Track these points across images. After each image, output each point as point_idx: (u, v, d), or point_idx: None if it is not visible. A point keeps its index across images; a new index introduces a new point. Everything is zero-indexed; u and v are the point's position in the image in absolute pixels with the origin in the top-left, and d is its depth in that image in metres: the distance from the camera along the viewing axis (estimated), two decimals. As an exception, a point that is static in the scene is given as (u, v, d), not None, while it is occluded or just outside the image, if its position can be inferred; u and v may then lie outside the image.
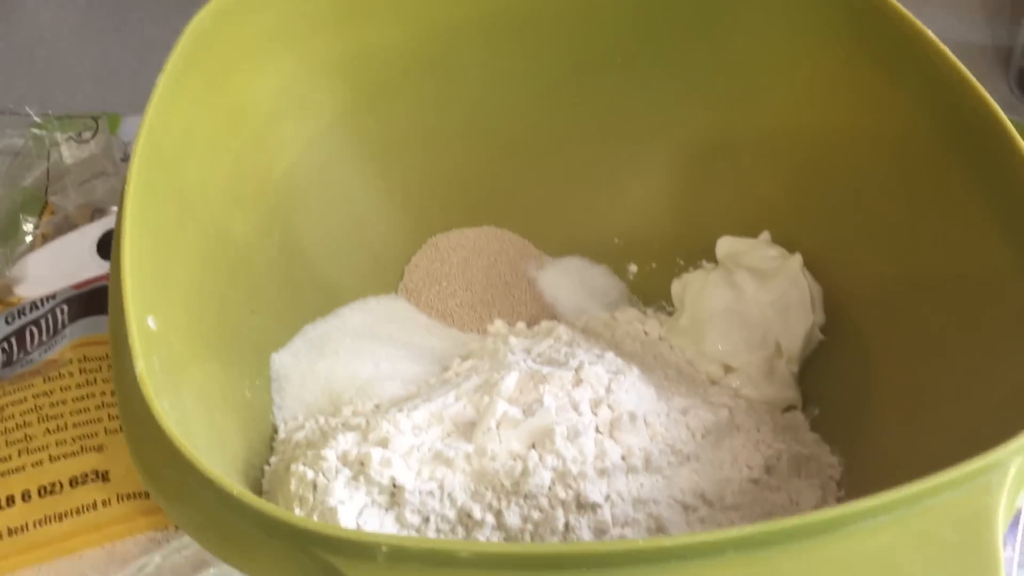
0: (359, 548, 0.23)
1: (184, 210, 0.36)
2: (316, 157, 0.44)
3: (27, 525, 0.30)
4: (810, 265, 0.43)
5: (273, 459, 0.36)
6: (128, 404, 0.28)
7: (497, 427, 0.33)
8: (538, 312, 0.47)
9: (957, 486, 0.25)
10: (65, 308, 0.38)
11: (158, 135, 0.35)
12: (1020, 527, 0.34)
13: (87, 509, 0.31)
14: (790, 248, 0.44)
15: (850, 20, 0.40)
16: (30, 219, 0.44)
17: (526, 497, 0.32)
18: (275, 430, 0.38)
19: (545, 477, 0.32)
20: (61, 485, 0.31)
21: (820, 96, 0.43)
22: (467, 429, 0.34)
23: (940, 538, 0.25)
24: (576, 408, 0.33)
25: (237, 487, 0.25)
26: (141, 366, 0.27)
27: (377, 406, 0.38)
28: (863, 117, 0.41)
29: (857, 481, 0.36)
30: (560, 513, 0.31)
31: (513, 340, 0.40)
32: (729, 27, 0.44)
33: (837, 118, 0.42)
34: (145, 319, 0.30)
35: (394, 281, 0.47)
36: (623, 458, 0.33)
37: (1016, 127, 0.64)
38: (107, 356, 0.36)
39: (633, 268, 0.49)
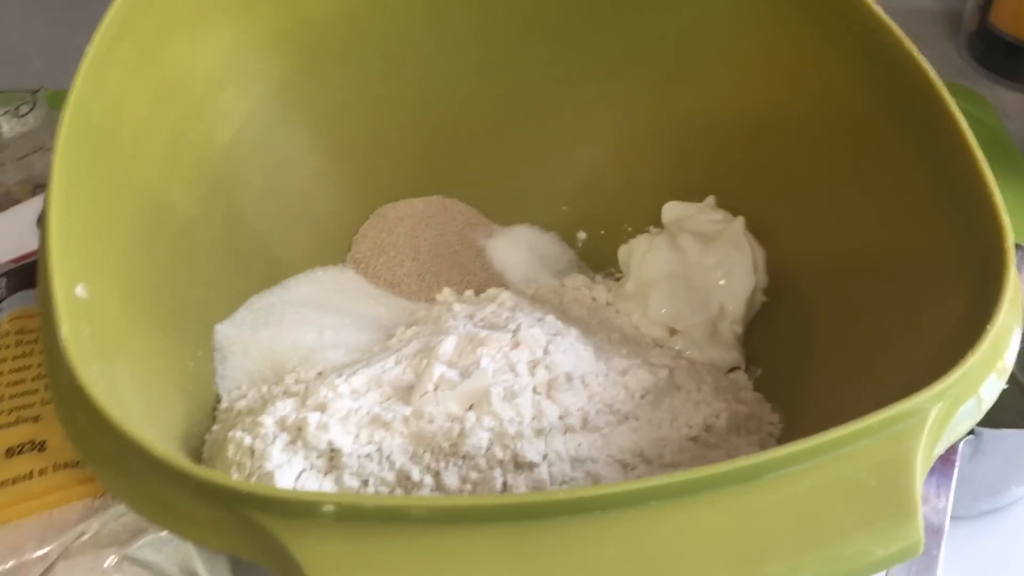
0: (296, 507, 0.24)
1: (119, 182, 0.36)
2: (259, 128, 0.44)
3: (-38, 496, 0.30)
4: (753, 229, 0.44)
5: (215, 428, 0.36)
6: (56, 371, 0.28)
7: (435, 390, 0.33)
8: (487, 280, 0.47)
9: (874, 433, 0.26)
10: (3, 281, 0.38)
11: (87, 104, 0.34)
12: (953, 478, 0.35)
13: (24, 478, 0.31)
14: (735, 212, 0.45)
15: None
16: (-31, 195, 0.43)
17: (464, 458, 0.32)
18: (218, 400, 0.38)
19: (483, 438, 0.32)
20: (-4, 456, 0.31)
21: (763, 63, 0.43)
22: (405, 393, 0.34)
23: (859, 483, 0.25)
24: (513, 369, 0.33)
25: (162, 448, 0.25)
26: (66, 331, 0.27)
27: (320, 374, 0.38)
28: (806, 84, 0.42)
29: (795, 436, 0.37)
30: (498, 473, 0.32)
31: (457, 307, 0.40)
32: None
33: (780, 85, 0.43)
34: (73, 287, 0.29)
35: (342, 252, 0.47)
36: (560, 418, 0.33)
37: (964, 92, 0.65)
38: (44, 328, 0.36)
39: (582, 235, 0.49)
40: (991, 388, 0.28)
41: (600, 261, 0.48)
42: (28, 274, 0.38)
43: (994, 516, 0.40)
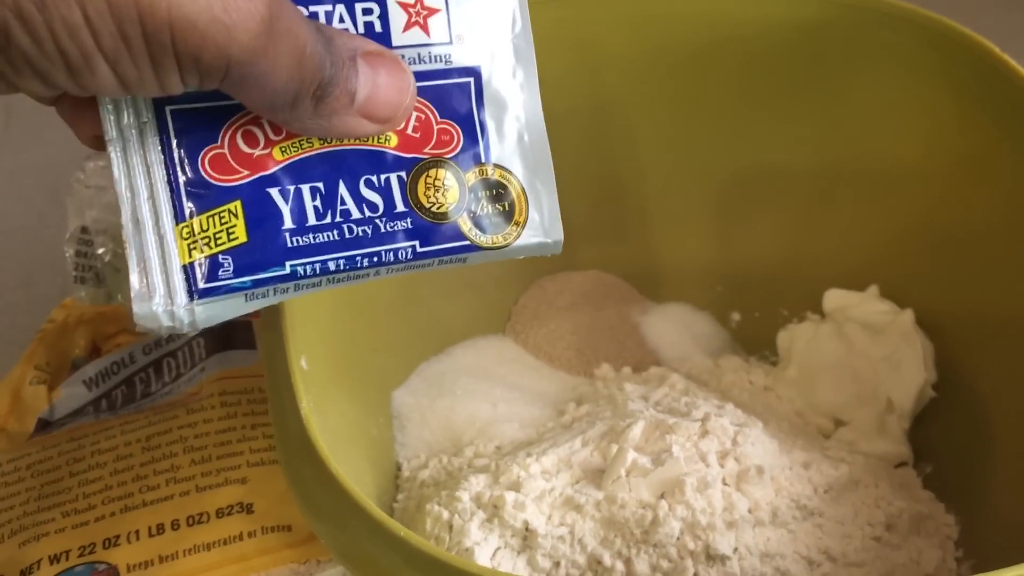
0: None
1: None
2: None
3: (177, 553, 0.32)
4: (920, 321, 0.43)
5: (400, 496, 0.37)
6: (288, 440, 0.29)
7: (627, 475, 0.33)
8: (642, 357, 0.47)
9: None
10: (202, 342, 0.40)
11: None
12: None
13: (233, 540, 0.32)
14: (897, 302, 0.44)
15: (962, 72, 0.41)
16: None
17: (655, 546, 0.32)
18: (398, 468, 0.39)
19: (674, 527, 0.32)
20: (208, 516, 0.33)
21: (928, 146, 0.43)
22: (595, 476, 0.34)
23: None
24: (704, 459, 0.34)
25: (396, 524, 0.26)
26: (305, 405, 0.28)
27: (498, 448, 0.38)
28: (972, 169, 0.42)
29: (975, 541, 0.37)
30: (689, 563, 0.32)
31: (628, 387, 0.41)
32: (843, 75, 0.45)
33: (944, 170, 0.43)
34: (300, 359, 0.31)
35: (501, 322, 0.48)
36: (750, 511, 0.33)
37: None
38: (246, 391, 0.37)
39: (736, 316, 0.49)
40: None
41: (754, 344, 0.48)
42: (225, 335, 0.40)
43: None
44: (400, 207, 0.27)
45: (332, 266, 0.26)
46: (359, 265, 0.27)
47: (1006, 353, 0.40)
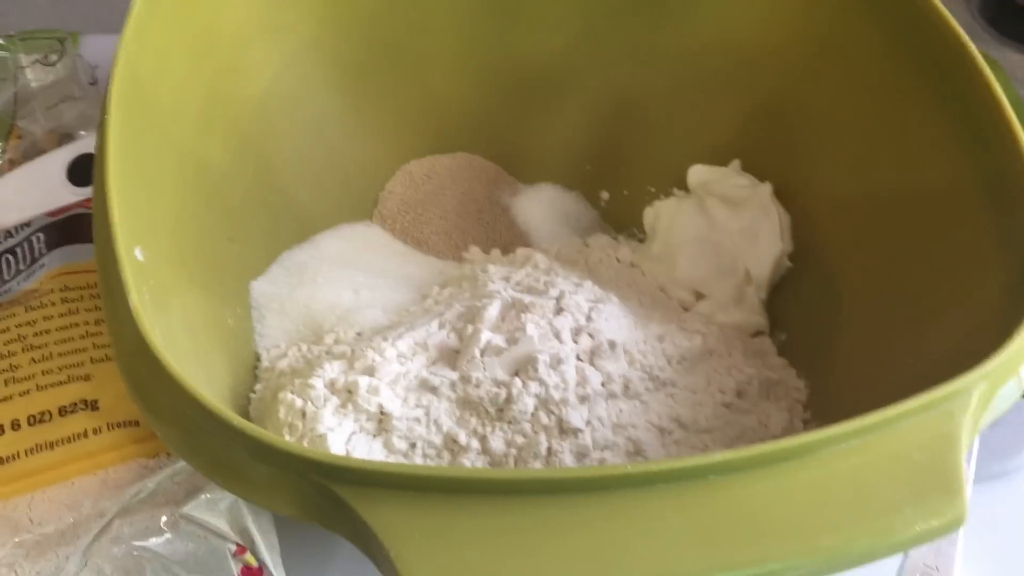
0: (374, 478, 0.24)
1: (161, 138, 0.36)
2: (289, 81, 0.44)
3: (18, 453, 0.31)
4: (778, 193, 0.44)
5: (258, 387, 0.36)
6: (122, 336, 0.28)
7: (481, 355, 0.34)
8: (512, 239, 0.47)
9: (923, 411, 0.27)
10: (41, 236, 0.38)
11: (134, 59, 0.34)
12: (975, 445, 0.36)
13: (78, 437, 0.31)
14: (760, 176, 0.45)
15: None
16: (-4, 145, 0.43)
17: (510, 423, 0.33)
18: (258, 358, 0.38)
19: (528, 403, 0.33)
20: (51, 414, 0.32)
21: (787, 20, 0.43)
22: (451, 357, 0.34)
23: (908, 459, 0.26)
24: (558, 336, 0.34)
25: (237, 418, 0.26)
26: (135, 299, 0.27)
27: (359, 334, 0.38)
28: (828, 41, 0.42)
29: (822, 404, 0.38)
30: (543, 438, 0.32)
31: (492, 268, 0.41)
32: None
33: (803, 43, 0.43)
34: (133, 251, 0.30)
35: (368, 208, 0.47)
36: (603, 384, 0.34)
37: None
38: (89, 286, 0.36)
39: (605, 195, 0.49)
40: (1031, 367, 0.29)
41: (623, 221, 0.49)
42: (67, 229, 0.38)
43: (1004, 479, 0.42)
44: None
45: None
46: None
47: (855, 225, 0.41)
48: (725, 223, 0.43)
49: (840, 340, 0.39)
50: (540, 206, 0.49)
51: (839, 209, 0.42)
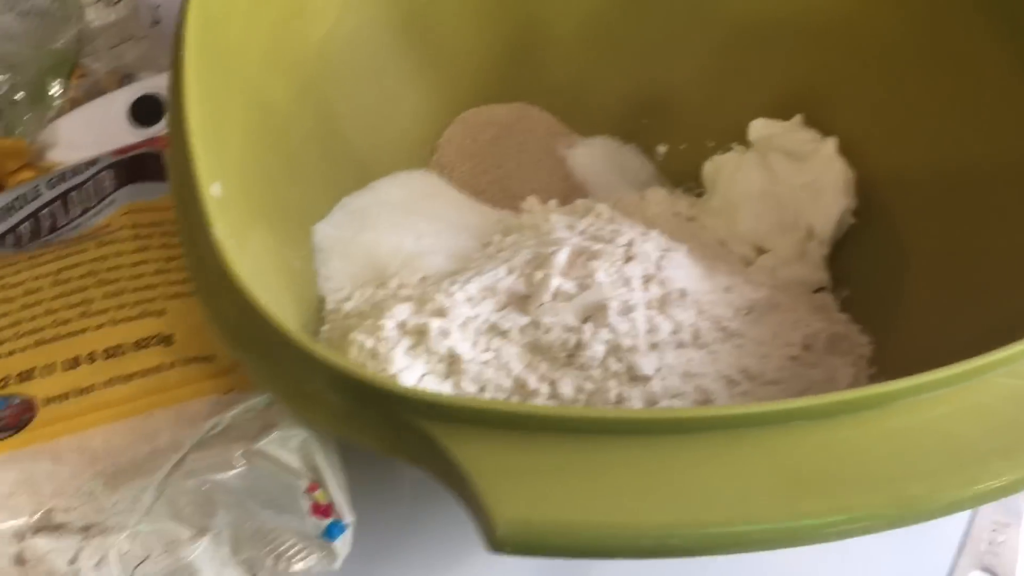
0: (463, 414, 0.24)
1: (229, 77, 0.36)
2: (349, 26, 0.44)
3: (95, 385, 0.31)
4: (843, 149, 0.44)
5: (325, 328, 0.36)
6: (202, 270, 0.28)
7: (552, 300, 0.33)
8: (568, 191, 0.47)
9: (1009, 363, 0.26)
10: (110, 173, 0.38)
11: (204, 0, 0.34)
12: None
13: (153, 371, 0.31)
14: (822, 131, 0.45)
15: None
16: (56, 82, 0.43)
17: (580, 368, 0.33)
18: (322, 301, 0.38)
19: (598, 350, 0.32)
20: (125, 348, 0.32)
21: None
22: (520, 302, 0.34)
23: (994, 411, 0.26)
24: (628, 284, 0.34)
25: (321, 349, 0.26)
26: (218, 232, 0.28)
27: (423, 279, 0.38)
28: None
29: (888, 360, 0.38)
30: (613, 384, 0.32)
31: (554, 217, 0.41)
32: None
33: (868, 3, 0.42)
34: (211, 186, 0.30)
35: (425, 156, 0.47)
36: (672, 333, 0.34)
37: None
38: (159, 223, 0.36)
39: (662, 149, 0.49)
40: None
41: (679, 176, 0.48)
42: (134, 167, 0.38)
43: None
44: None
45: None
46: None
47: (925, 182, 0.40)
48: (788, 177, 0.43)
49: (906, 297, 0.39)
50: (597, 158, 0.48)
51: (908, 169, 0.41)
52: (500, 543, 0.24)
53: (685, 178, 0.48)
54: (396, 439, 0.26)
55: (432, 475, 0.26)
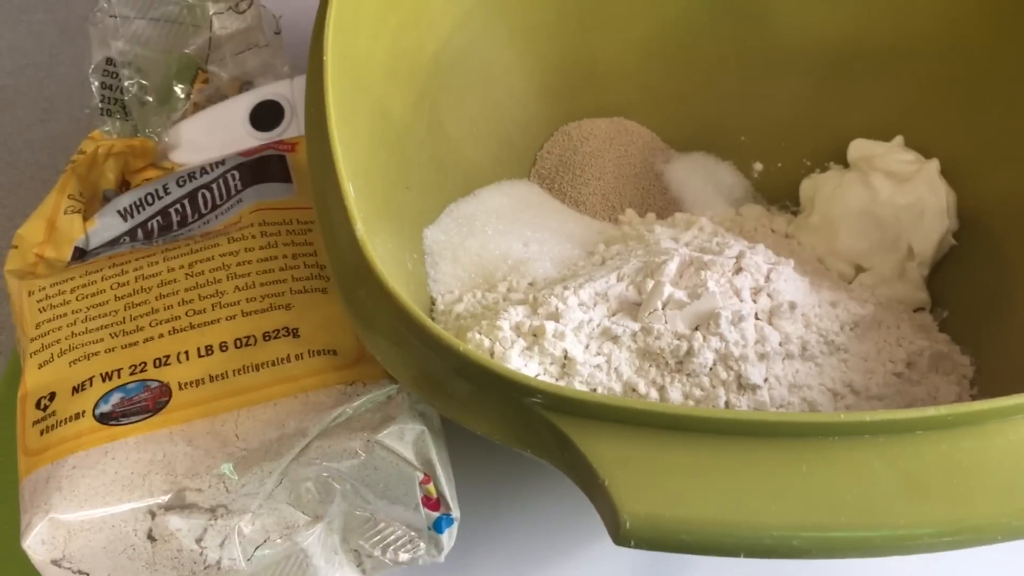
0: (593, 410, 0.25)
1: (357, 85, 0.38)
2: (461, 40, 0.45)
3: (227, 373, 0.33)
4: (944, 171, 0.44)
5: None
6: (342, 262, 0.30)
7: (663, 308, 0.34)
8: (665, 204, 0.48)
9: None
10: (236, 174, 0.40)
11: (341, 6, 0.36)
12: None
13: (281, 361, 0.33)
14: (923, 153, 0.45)
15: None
16: (183, 87, 0.45)
17: (689, 375, 0.33)
18: (432, 302, 0.40)
19: (708, 357, 0.33)
20: (255, 339, 0.33)
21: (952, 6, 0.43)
22: (631, 309, 0.35)
23: (1117, 429, 0.26)
24: (738, 295, 0.35)
25: (461, 344, 0.27)
26: (360, 228, 0.29)
27: (531, 284, 0.39)
28: (1004, 20, 0.41)
29: (990, 381, 0.38)
30: (721, 392, 0.33)
31: (658, 229, 0.42)
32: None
33: (976, 21, 0.43)
34: (349, 185, 0.31)
35: (527, 167, 0.49)
36: (781, 344, 0.34)
37: None
38: (285, 222, 0.37)
39: (759, 166, 0.50)
40: None
41: (775, 194, 0.49)
42: (260, 168, 0.40)
43: None
44: None
45: None
46: None
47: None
48: (890, 198, 0.43)
49: (1007, 319, 0.39)
50: (694, 173, 0.49)
51: (1011, 187, 0.42)
52: (626, 537, 0.25)
53: (780, 196, 0.49)
54: (521, 430, 0.27)
55: (559, 467, 0.27)
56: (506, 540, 0.39)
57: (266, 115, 0.45)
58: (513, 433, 0.27)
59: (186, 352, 0.33)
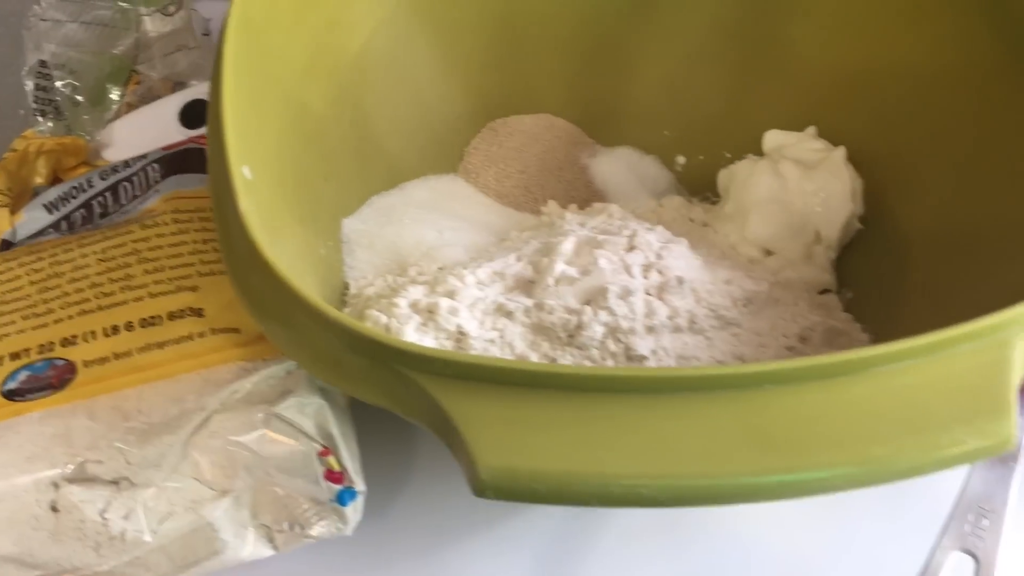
0: (456, 368, 0.26)
1: (267, 79, 0.39)
2: (385, 38, 0.47)
3: (131, 351, 0.34)
4: (853, 159, 0.45)
5: (346, 310, 0.39)
6: (230, 240, 0.31)
7: (555, 284, 0.36)
8: (589, 196, 0.49)
9: (976, 337, 0.28)
10: (156, 166, 0.41)
11: (248, 5, 0.37)
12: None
13: (184, 339, 0.34)
14: (835, 143, 0.46)
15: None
16: (116, 88, 0.46)
17: (579, 348, 0.34)
18: (346, 287, 0.41)
19: (598, 331, 0.34)
20: (161, 318, 0.35)
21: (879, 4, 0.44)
22: (527, 286, 0.36)
23: (959, 381, 0.27)
24: (628, 271, 0.36)
25: (333, 310, 0.28)
26: (244, 204, 0.30)
27: (441, 268, 0.40)
28: (907, 15, 0.43)
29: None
30: (610, 363, 0.34)
31: (569, 216, 0.43)
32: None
33: (896, 24, 0.44)
34: (241, 167, 0.32)
35: (454, 162, 0.50)
36: (669, 318, 0.35)
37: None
38: (198, 209, 0.39)
39: (681, 160, 0.51)
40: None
41: (698, 185, 0.50)
42: (179, 160, 0.41)
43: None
44: None
45: None
46: None
47: (927, 191, 0.42)
48: (798, 184, 0.45)
49: (906, 298, 0.40)
50: (617, 167, 0.50)
51: (912, 173, 0.43)
52: (483, 488, 0.26)
53: (702, 188, 0.50)
54: (397, 394, 0.28)
55: (427, 427, 0.28)
56: (419, 514, 0.40)
57: (196, 114, 0.46)
58: (387, 395, 0.29)
59: (92, 332, 0.34)
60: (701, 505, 0.26)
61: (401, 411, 0.28)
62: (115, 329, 0.34)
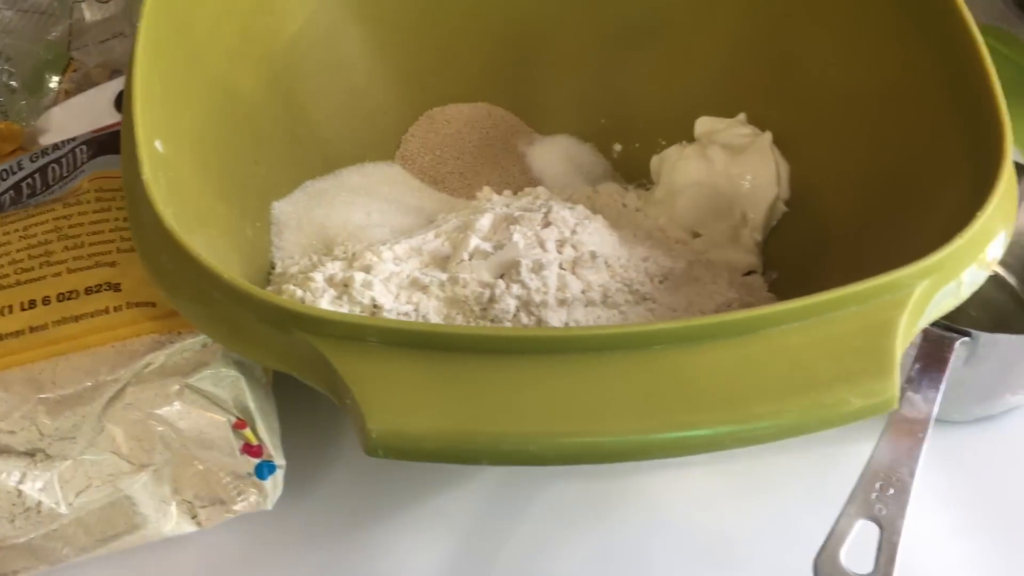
0: (345, 329, 0.27)
1: (193, 62, 0.40)
2: (320, 26, 0.47)
3: (47, 324, 0.34)
4: (780, 144, 0.46)
5: (269, 288, 0.39)
6: (136, 208, 0.31)
7: (470, 259, 0.36)
8: (525, 183, 0.49)
9: (862, 300, 0.28)
10: (84, 148, 0.41)
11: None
12: (945, 375, 0.37)
13: (100, 313, 0.34)
14: (764, 128, 0.47)
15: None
16: (55, 76, 0.47)
17: (493, 321, 0.35)
18: (272, 267, 0.41)
19: (510, 304, 0.35)
20: (78, 293, 0.35)
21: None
22: (443, 262, 0.37)
23: (845, 342, 0.28)
24: (542, 246, 0.36)
25: (231, 274, 0.28)
26: (147, 173, 0.31)
27: (366, 248, 0.41)
28: (840, 11, 0.44)
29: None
30: (522, 336, 0.35)
31: (496, 198, 0.43)
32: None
33: (813, 10, 0.45)
34: (152, 141, 0.33)
35: (391, 149, 0.50)
36: (583, 292, 0.36)
37: (998, 33, 0.66)
38: (120, 188, 0.39)
39: (618, 147, 0.51)
40: (972, 276, 0.30)
41: (633, 172, 0.51)
42: (106, 142, 0.42)
43: (987, 423, 0.43)
44: None
45: None
46: None
47: (845, 173, 0.43)
48: (725, 168, 0.45)
49: (828, 274, 0.41)
50: (554, 154, 0.51)
51: (835, 159, 0.44)
52: (373, 447, 0.26)
53: (638, 175, 0.51)
54: (296, 359, 0.29)
55: (324, 390, 0.28)
56: (347, 491, 0.41)
57: (132, 100, 0.46)
58: (291, 362, 0.29)
59: (9, 306, 0.35)
60: (589, 463, 0.27)
61: (299, 374, 0.29)
62: (32, 303, 0.35)
